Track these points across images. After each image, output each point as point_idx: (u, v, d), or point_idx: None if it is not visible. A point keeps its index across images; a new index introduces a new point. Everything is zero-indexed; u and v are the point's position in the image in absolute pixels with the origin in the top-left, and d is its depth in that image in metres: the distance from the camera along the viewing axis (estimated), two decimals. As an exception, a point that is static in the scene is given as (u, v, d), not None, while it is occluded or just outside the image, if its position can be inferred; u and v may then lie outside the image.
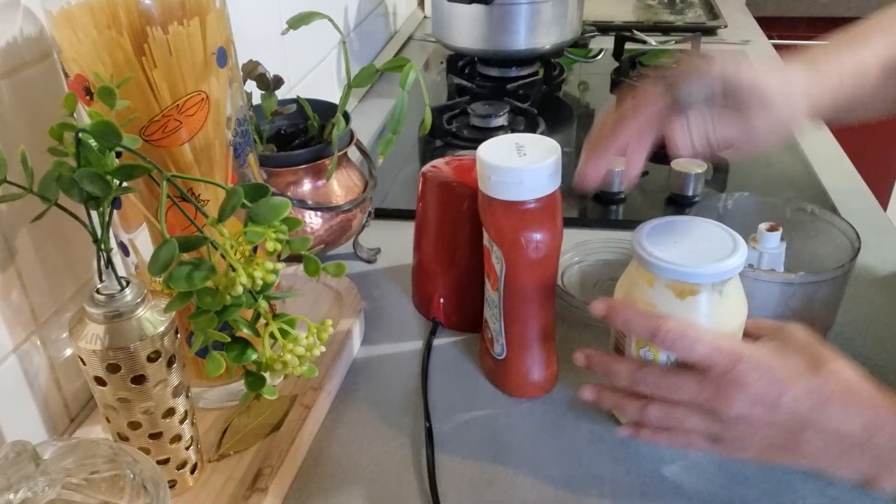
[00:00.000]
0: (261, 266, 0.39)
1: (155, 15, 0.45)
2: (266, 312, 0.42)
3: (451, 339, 0.66)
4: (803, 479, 0.51)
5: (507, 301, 0.56)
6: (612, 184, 0.85)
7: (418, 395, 0.60)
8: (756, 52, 1.34)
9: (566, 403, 0.59)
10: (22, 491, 0.34)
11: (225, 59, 0.48)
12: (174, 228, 0.46)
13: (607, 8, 1.58)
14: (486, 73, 1.24)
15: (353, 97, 1.15)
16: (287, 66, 0.92)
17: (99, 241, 0.42)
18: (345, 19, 1.15)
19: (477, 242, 0.59)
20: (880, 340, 0.64)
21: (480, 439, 0.56)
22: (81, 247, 0.56)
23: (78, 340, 0.43)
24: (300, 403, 0.56)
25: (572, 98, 1.20)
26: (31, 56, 0.50)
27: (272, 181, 0.68)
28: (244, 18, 0.80)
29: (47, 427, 0.54)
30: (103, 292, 0.43)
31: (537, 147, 0.53)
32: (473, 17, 1.16)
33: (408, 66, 0.62)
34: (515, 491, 0.52)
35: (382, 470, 0.54)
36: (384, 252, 0.79)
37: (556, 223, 0.54)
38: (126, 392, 0.44)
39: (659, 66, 1.21)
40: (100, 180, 0.39)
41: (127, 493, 0.37)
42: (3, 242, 0.49)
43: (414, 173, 0.93)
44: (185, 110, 0.46)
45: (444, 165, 0.65)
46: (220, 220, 0.39)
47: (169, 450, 0.48)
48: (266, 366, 0.42)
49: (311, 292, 0.70)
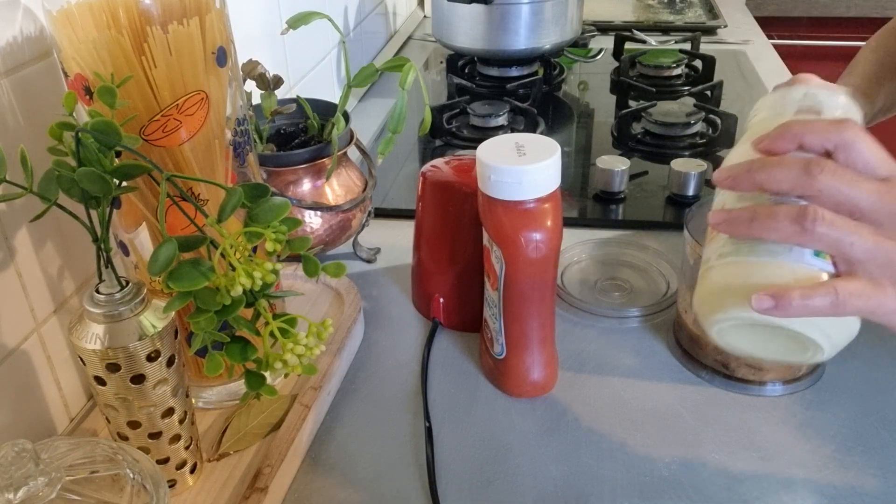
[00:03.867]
0: (260, 266, 0.39)
1: (155, 14, 0.45)
2: (266, 312, 0.42)
3: (451, 338, 0.66)
4: (803, 479, 0.51)
5: (507, 301, 0.56)
6: (612, 184, 0.85)
7: (418, 395, 0.60)
8: (756, 52, 1.34)
9: (566, 403, 0.59)
10: (22, 491, 0.34)
11: (225, 58, 0.48)
12: (174, 228, 0.46)
13: (607, 8, 1.58)
14: (485, 72, 1.24)
15: (352, 97, 1.15)
16: (287, 65, 0.92)
17: (99, 240, 0.42)
18: (344, 19, 1.15)
19: (477, 242, 0.59)
20: (880, 340, 0.64)
21: (480, 439, 0.56)
22: (81, 247, 0.56)
23: (78, 340, 0.43)
24: (300, 403, 0.56)
25: (572, 98, 1.20)
26: (30, 55, 0.50)
27: (272, 181, 0.68)
28: (244, 18, 0.80)
29: (47, 427, 0.54)
30: (103, 292, 0.43)
31: (537, 147, 0.53)
32: (473, 17, 1.16)
33: (408, 65, 0.63)
34: (515, 491, 0.52)
35: (382, 469, 0.54)
36: (384, 252, 0.79)
37: (556, 223, 0.54)
38: (126, 392, 0.44)
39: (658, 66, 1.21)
40: (99, 180, 0.39)
41: (127, 493, 0.37)
42: (3, 242, 0.49)
43: (414, 173, 0.93)
44: (185, 110, 0.46)
45: (443, 165, 0.65)
46: (220, 219, 0.39)
47: (168, 449, 0.48)
48: (266, 365, 0.43)
49: (311, 292, 0.70)
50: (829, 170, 0.39)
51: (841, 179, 0.39)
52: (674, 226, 0.80)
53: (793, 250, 0.40)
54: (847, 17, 1.88)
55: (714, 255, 0.43)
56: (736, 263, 0.42)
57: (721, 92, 1.11)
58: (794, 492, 0.51)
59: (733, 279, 0.41)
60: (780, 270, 0.40)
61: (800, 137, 0.41)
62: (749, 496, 0.51)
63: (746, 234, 0.41)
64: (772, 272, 0.40)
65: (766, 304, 0.39)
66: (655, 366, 0.62)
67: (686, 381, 0.60)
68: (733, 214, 0.42)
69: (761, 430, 0.55)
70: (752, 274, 0.41)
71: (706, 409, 0.58)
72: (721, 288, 0.42)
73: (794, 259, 0.40)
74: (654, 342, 0.65)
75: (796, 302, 0.38)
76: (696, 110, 1.00)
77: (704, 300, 0.43)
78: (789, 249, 0.40)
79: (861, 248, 0.39)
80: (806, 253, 0.40)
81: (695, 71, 1.24)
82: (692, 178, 0.83)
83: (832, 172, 0.39)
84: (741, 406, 0.58)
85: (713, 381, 0.60)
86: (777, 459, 0.53)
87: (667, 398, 0.59)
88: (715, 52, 1.24)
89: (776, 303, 0.39)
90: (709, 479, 0.52)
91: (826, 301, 0.39)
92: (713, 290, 0.42)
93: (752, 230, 0.41)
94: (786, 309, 0.39)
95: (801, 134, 0.41)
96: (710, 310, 0.42)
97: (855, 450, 0.54)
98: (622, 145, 0.99)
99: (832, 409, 0.57)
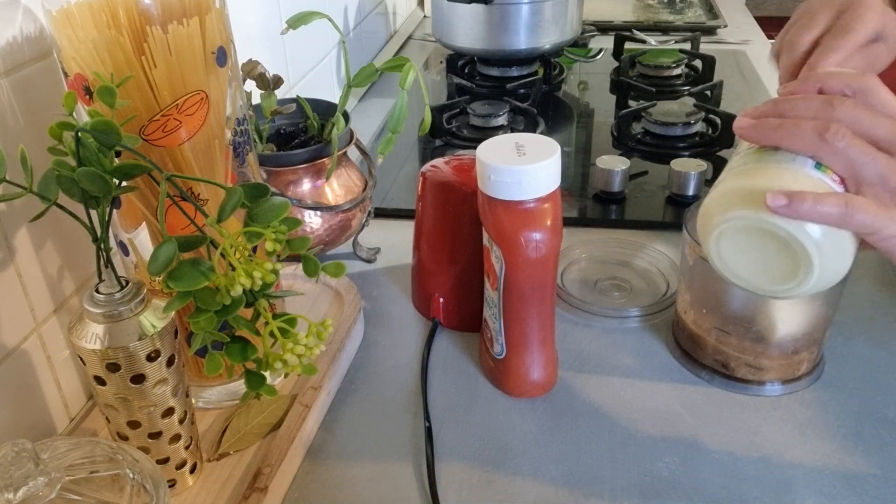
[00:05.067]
0: (260, 266, 0.39)
1: (154, 14, 0.45)
2: (266, 312, 0.42)
3: (451, 338, 0.66)
4: (803, 479, 0.52)
5: (507, 301, 0.56)
6: (611, 184, 0.85)
7: (418, 395, 0.60)
8: (756, 52, 1.34)
9: (566, 403, 0.59)
10: (22, 491, 0.34)
11: (225, 58, 0.48)
12: (174, 228, 0.46)
13: (607, 8, 1.58)
14: (485, 72, 1.24)
15: (352, 97, 1.15)
16: (287, 65, 0.92)
17: (98, 240, 0.42)
18: (344, 19, 1.15)
19: (477, 242, 0.59)
20: (880, 340, 0.64)
21: (480, 439, 0.56)
22: (81, 246, 0.56)
23: (78, 340, 0.43)
24: (300, 403, 0.56)
25: (572, 98, 1.20)
26: (30, 55, 0.50)
27: (272, 181, 0.68)
28: (244, 18, 0.80)
29: (47, 427, 0.54)
30: (103, 292, 0.43)
31: (537, 147, 0.53)
32: (473, 17, 1.16)
33: (407, 65, 0.63)
34: (515, 491, 0.52)
35: (382, 470, 0.54)
36: (384, 252, 0.79)
37: (556, 223, 0.54)
38: (126, 391, 0.44)
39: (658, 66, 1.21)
40: (99, 180, 0.39)
41: (127, 493, 0.37)
42: (3, 242, 0.49)
43: (413, 173, 0.93)
44: (185, 110, 0.46)
45: (443, 165, 0.65)
46: (220, 219, 0.39)
47: (168, 449, 0.48)
48: (266, 365, 0.43)
49: (311, 292, 0.70)
50: (850, 103, 0.42)
51: (861, 111, 0.42)
52: (674, 226, 0.81)
53: (796, 159, 0.43)
54: (847, 16, 1.88)
55: (726, 173, 0.46)
56: (743, 172, 0.45)
57: (721, 92, 1.11)
58: (794, 492, 0.51)
59: (741, 183, 0.44)
60: (785, 174, 0.43)
61: (823, 81, 0.44)
62: (749, 496, 0.51)
63: (770, 140, 0.44)
64: (777, 175, 0.43)
65: (781, 202, 0.41)
66: (655, 366, 0.62)
67: (686, 381, 0.60)
68: (760, 118, 0.44)
69: (761, 430, 0.55)
70: (758, 176, 0.44)
71: (706, 408, 0.58)
72: (729, 191, 0.45)
73: (797, 167, 0.43)
74: (653, 342, 0.65)
75: (808, 204, 0.41)
76: (696, 110, 1.00)
77: (710, 206, 0.45)
78: (793, 158, 0.43)
79: (874, 169, 0.41)
80: (808, 163, 0.43)
81: (695, 71, 1.24)
82: (692, 178, 0.83)
83: (853, 105, 0.42)
84: (741, 406, 0.58)
85: (713, 381, 0.60)
86: (777, 459, 0.53)
87: (667, 398, 0.59)
88: (715, 51, 1.24)
89: (789, 201, 0.41)
90: (709, 479, 0.52)
91: (835, 209, 0.41)
92: (722, 194, 0.45)
93: (776, 135, 0.43)
94: (797, 209, 0.41)
95: (824, 79, 0.44)
96: (716, 211, 0.45)
97: (855, 450, 0.54)
98: (622, 145, 0.99)
99: (832, 409, 0.57)
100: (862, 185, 0.42)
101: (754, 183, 0.43)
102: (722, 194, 0.45)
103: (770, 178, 0.43)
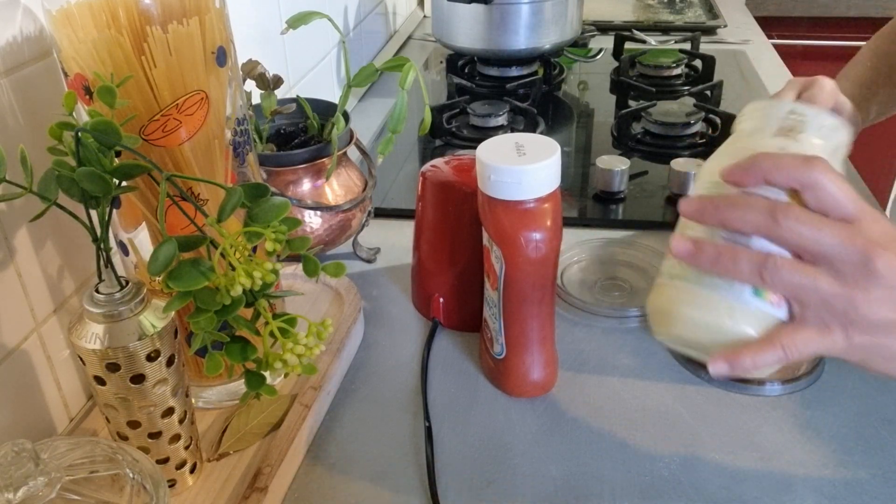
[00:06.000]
0: (260, 266, 0.39)
1: (154, 14, 0.45)
2: (266, 311, 0.42)
3: (451, 338, 0.66)
4: (803, 479, 0.52)
5: (507, 301, 0.56)
6: (611, 183, 0.85)
7: (418, 395, 0.60)
8: (756, 51, 1.34)
9: (566, 403, 0.59)
10: (22, 491, 0.34)
11: (224, 58, 0.48)
12: (174, 228, 0.46)
13: (607, 8, 1.58)
14: (485, 72, 1.24)
15: (352, 97, 1.15)
16: (287, 65, 0.92)
17: (98, 240, 0.42)
18: (344, 19, 1.15)
19: (477, 242, 0.59)
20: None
21: (480, 439, 0.56)
22: (81, 246, 0.56)
23: (77, 340, 0.43)
24: (300, 403, 0.56)
25: (572, 98, 1.20)
26: (30, 55, 0.50)
27: (272, 180, 0.68)
28: (244, 18, 0.80)
29: (47, 427, 0.54)
30: (103, 292, 0.43)
31: (537, 147, 0.53)
32: (473, 17, 1.16)
33: (407, 65, 0.63)
34: (515, 491, 0.52)
35: (382, 469, 0.54)
36: (384, 252, 0.79)
37: (556, 223, 0.54)
38: (125, 391, 0.44)
39: (658, 65, 1.21)
40: (99, 179, 0.39)
41: (127, 493, 0.37)
42: (3, 242, 0.49)
43: (413, 173, 0.93)
44: (185, 110, 0.46)
45: (443, 165, 0.65)
46: (220, 219, 0.39)
47: (168, 449, 0.48)
48: (266, 365, 0.43)
49: (311, 292, 0.70)
50: (793, 215, 0.40)
51: (804, 225, 0.40)
52: (673, 225, 0.79)
53: (734, 286, 0.43)
54: (847, 16, 1.88)
55: (666, 273, 0.46)
56: (684, 289, 0.45)
57: (721, 92, 1.11)
58: (794, 491, 0.51)
59: (677, 305, 0.45)
60: (719, 305, 0.43)
61: (767, 174, 0.42)
62: (749, 496, 0.51)
63: (708, 270, 0.43)
64: (712, 305, 0.43)
65: (722, 370, 0.43)
66: (655, 365, 0.62)
67: (686, 381, 0.60)
68: (699, 248, 0.43)
69: (761, 430, 0.55)
70: (694, 303, 0.44)
71: (706, 408, 0.58)
72: (666, 311, 0.45)
73: (734, 296, 0.43)
74: (653, 342, 0.65)
75: (748, 363, 0.42)
76: (696, 110, 1.00)
77: (653, 314, 0.47)
78: (731, 284, 0.43)
79: (815, 296, 0.41)
80: (746, 290, 0.43)
81: (695, 71, 1.24)
82: (692, 178, 0.83)
83: (795, 218, 0.40)
84: (741, 406, 0.58)
85: (713, 381, 0.60)
86: (777, 459, 0.53)
87: (667, 398, 0.59)
88: (715, 51, 1.24)
89: (730, 366, 0.42)
90: (709, 479, 0.52)
91: (774, 357, 0.42)
92: (661, 310, 0.46)
93: (714, 267, 0.43)
94: (739, 368, 0.42)
95: (769, 171, 0.42)
96: (656, 323, 0.47)
97: (855, 450, 0.54)
98: (622, 145, 0.99)
99: (832, 408, 0.57)
100: (805, 308, 0.41)
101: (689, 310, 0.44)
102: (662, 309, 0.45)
103: (706, 310, 0.43)
